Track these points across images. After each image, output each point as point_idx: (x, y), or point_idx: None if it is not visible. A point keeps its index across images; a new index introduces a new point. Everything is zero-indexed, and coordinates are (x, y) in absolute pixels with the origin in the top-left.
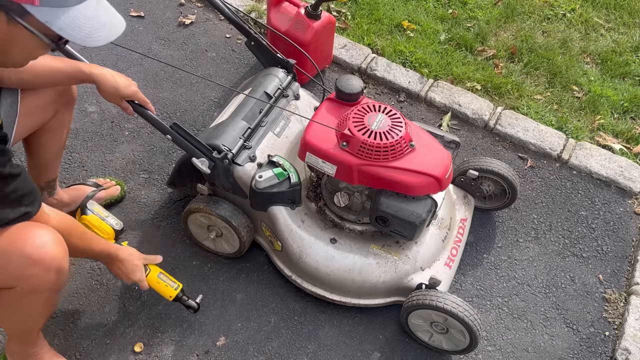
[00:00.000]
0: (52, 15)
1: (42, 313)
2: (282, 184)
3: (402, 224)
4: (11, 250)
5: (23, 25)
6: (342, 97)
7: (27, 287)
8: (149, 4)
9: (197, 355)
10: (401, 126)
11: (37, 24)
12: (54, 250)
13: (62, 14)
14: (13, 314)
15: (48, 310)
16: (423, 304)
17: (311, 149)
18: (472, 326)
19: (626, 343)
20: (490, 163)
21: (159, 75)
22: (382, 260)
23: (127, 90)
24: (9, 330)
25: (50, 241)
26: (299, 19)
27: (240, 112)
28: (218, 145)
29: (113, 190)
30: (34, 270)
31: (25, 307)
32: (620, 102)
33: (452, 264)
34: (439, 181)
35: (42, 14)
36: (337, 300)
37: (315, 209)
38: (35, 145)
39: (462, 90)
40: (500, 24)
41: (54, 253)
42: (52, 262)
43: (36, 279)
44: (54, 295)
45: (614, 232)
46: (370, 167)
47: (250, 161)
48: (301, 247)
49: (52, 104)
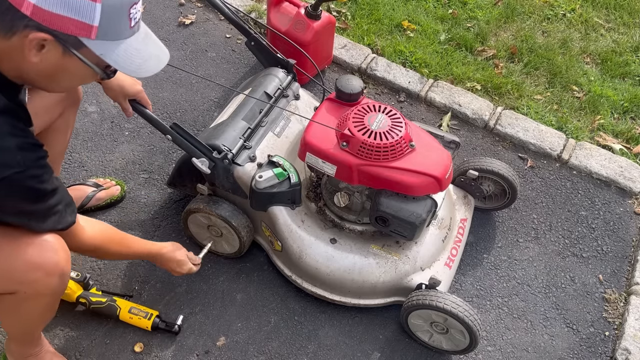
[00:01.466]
0: (107, 49)
1: (43, 317)
2: (282, 184)
3: (402, 224)
4: (13, 255)
5: (78, 57)
6: (342, 97)
7: (30, 292)
8: (149, 4)
9: (197, 355)
10: (401, 126)
11: (91, 56)
12: (56, 255)
13: (115, 47)
14: (14, 317)
15: (50, 314)
16: (423, 304)
17: (311, 149)
18: (472, 326)
19: (626, 343)
20: (491, 163)
21: (159, 75)
22: (382, 261)
23: (132, 89)
24: (9, 331)
25: (52, 246)
26: (299, 19)
27: (240, 112)
28: (218, 145)
29: (113, 190)
30: (36, 275)
31: (27, 311)
32: (620, 102)
33: (452, 264)
34: (439, 181)
35: (98, 47)
36: (337, 300)
37: (315, 209)
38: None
39: (462, 90)
40: (500, 24)
41: (56, 258)
42: (54, 267)
43: (38, 284)
44: (57, 300)
45: (614, 232)
46: (370, 167)
47: (250, 161)
48: (301, 247)
49: (59, 104)
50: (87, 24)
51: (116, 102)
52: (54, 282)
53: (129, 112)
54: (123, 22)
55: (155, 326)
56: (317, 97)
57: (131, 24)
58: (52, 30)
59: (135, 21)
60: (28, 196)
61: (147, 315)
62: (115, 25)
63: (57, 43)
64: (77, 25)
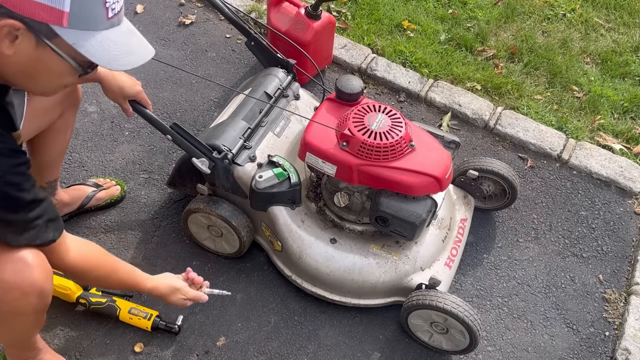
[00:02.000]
0: (80, 38)
1: (32, 329)
2: (282, 184)
3: (402, 224)
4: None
5: (51, 48)
6: (342, 97)
7: (10, 310)
8: (149, 4)
9: (197, 355)
10: (401, 126)
11: (65, 47)
12: (32, 275)
13: (90, 37)
14: (2, 330)
15: (38, 326)
16: (423, 304)
17: (311, 149)
18: (472, 326)
19: (626, 343)
20: (491, 163)
21: (159, 75)
22: (382, 261)
23: (131, 89)
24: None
25: (28, 264)
26: (299, 19)
27: (240, 112)
28: (218, 145)
29: (113, 190)
30: (12, 295)
31: (13, 326)
32: (620, 102)
33: (452, 264)
34: (439, 181)
35: (71, 36)
36: (337, 301)
37: (315, 209)
38: (39, 145)
39: (462, 90)
40: (500, 24)
41: (32, 277)
42: (30, 287)
43: (17, 303)
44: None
45: (614, 232)
46: (370, 167)
47: (250, 161)
48: (301, 247)
49: (59, 105)
50: (58, 9)
51: (116, 102)
52: (33, 301)
53: (129, 112)
54: (98, 11)
55: (155, 326)
56: (317, 97)
57: (108, 14)
58: (24, 17)
59: (114, 12)
60: (3, 204)
61: (147, 316)
62: (88, 12)
63: (30, 32)
64: (47, 11)
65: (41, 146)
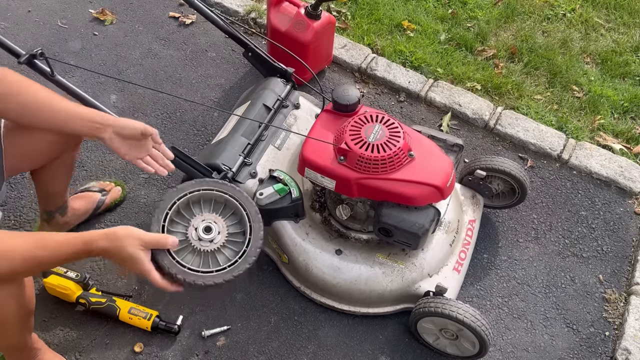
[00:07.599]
0: None
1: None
2: (283, 199)
3: (405, 234)
4: None
5: None
6: (339, 108)
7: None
8: (149, 4)
9: (197, 355)
10: (399, 136)
11: None
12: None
13: None
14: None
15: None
16: (429, 312)
17: (309, 164)
18: (486, 339)
19: (626, 343)
20: (502, 163)
21: (159, 75)
22: (389, 270)
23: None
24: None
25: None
26: (299, 19)
27: (240, 128)
28: (218, 164)
29: (115, 192)
30: None
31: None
32: (620, 102)
33: (461, 268)
34: (441, 190)
35: None
36: (346, 310)
37: (320, 220)
38: (42, 179)
39: (462, 90)
40: (500, 24)
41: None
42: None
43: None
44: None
45: (614, 232)
46: (369, 180)
47: (251, 177)
48: (307, 260)
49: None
50: None
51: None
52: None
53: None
54: None
55: (155, 326)
56: (318, 99)
57: None
58: None
59: None
60: None
61: (147, 316)
62: None
63: None
64: None
65: (43, 181)
